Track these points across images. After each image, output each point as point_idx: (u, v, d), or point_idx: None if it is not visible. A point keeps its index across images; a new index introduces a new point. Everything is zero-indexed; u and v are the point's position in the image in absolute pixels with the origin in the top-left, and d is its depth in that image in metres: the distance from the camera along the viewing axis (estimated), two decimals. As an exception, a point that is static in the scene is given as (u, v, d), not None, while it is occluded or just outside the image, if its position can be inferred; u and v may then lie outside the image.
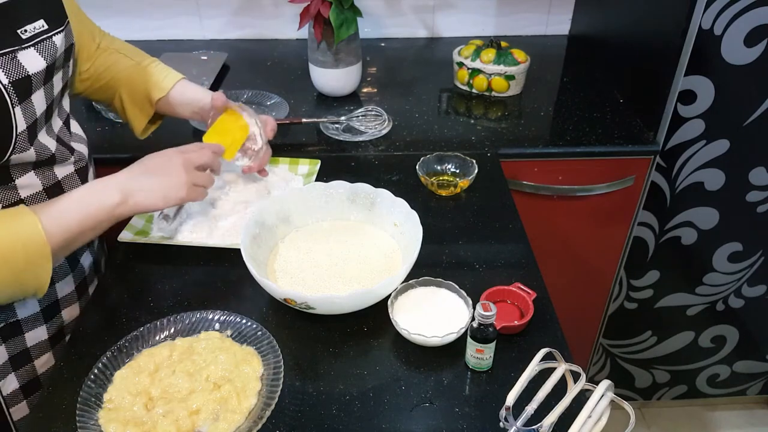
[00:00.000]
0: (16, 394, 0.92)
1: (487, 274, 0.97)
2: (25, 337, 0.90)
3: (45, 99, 0.82)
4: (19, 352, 0.90)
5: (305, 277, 0.94)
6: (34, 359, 0.93)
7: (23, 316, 0.89)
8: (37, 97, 0.80)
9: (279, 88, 1.48)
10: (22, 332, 0.90)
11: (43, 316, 0.92)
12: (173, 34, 1.77)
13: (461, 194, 1.15)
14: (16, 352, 0.90)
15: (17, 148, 0.78)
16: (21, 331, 0.90)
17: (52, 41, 0.81)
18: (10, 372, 0.91)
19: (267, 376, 0.80)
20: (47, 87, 0.82)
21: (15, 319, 0.88)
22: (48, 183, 0.86)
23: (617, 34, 1.49)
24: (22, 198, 0.83)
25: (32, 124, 0.79)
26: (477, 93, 1.50)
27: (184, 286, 0.96)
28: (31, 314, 0.90)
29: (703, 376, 1.82)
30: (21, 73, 0.76)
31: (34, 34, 0.79)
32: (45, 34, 0.80)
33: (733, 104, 1.27)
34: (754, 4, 1.14)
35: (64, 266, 0.93)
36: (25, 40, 0.77)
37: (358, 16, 1.35)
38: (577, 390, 0.72)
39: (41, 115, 0.81)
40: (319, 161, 1.20)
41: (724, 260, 1.53)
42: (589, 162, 1.32)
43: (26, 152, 0.80)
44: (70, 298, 0.96)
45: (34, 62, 0.78)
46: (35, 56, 0.78)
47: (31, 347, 0.92)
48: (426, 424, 0.76)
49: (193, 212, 1.06)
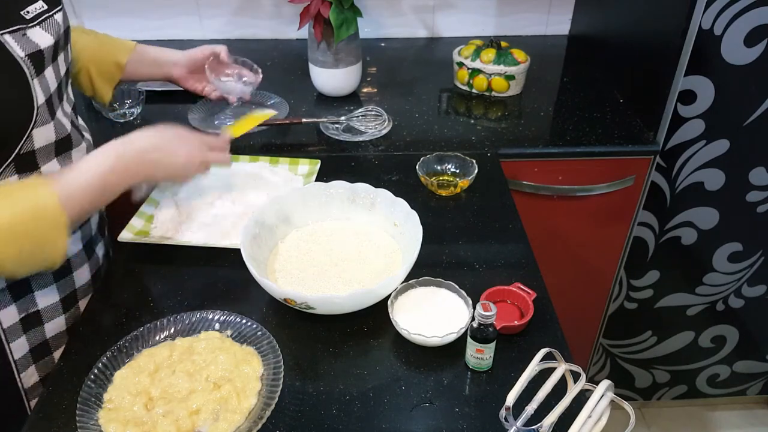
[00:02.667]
0: (36, 386, 0.94)
1: (487, 274, 0.97)
2: (44, 328, 0.93)
3: (55, 77, 0.85)
4: (39, 343, 0.93)
5: (305, 277, 0.94)
6: (53, 351, 0.95)
7: (43, 306, 0.91)
8: (48, 73, 0.83)
9: (279, 88, 1.48)
10: (42, 323, 0.92)
11: (62, 306, 0.94)
12: (173, 34, 1.77)
13: (461, 194, 1.15)
14: (37, 344, 0.92)
15: (39, 121, 0.81)
16: (41, 321, 0.92)
17: (53, 19, 0.85)
18: (30, 364, 0.93)
19: (267, 376, 0.80)
20: (55, 65, 0.85)
21: (35, 309, 0.90)
22: None
23: (617, 34, 1.49)
24: None
25: (49, 99, 0.83)
26: (477, 93, 1.50)
27: (184, 286, 0.96)
28: (51, 304, 0.92)
29: (703, 376, 1.82)
30: (34, 47, 0.79)
31: (37, 14, 0.82)
32: (46, 13, 0.84)
33: (733, 104, 1.27)
34: (754, 4, 1.14)
35: (82, 256, 0.96)
36: (29, 20, 0.80)
37: (358, 16, 1.35)
38: (577, 390, 0.72)
39: (54, 91, 0.85)
40: (319, 161, 1.20)
41: (724, 260, 1.53)
42: (589, 162, 1.32)
43: (47, 126, 0.83)
44: (87, 289, 0.98)
45: (42, 38, 0.81)
46: (42, 33, 0.82)
47: (51, 338, 0.94)
48: (426, 424, 0.76)
49: (193, 212, 1.06)
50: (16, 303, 0.88)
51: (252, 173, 1.17)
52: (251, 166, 1.19)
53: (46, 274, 0.90)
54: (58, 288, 0.93)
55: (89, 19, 1.74)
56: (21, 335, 0.90)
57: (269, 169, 1.19)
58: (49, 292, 0.92)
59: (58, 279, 0.93)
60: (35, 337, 0.92)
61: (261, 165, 1.20)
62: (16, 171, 0.82)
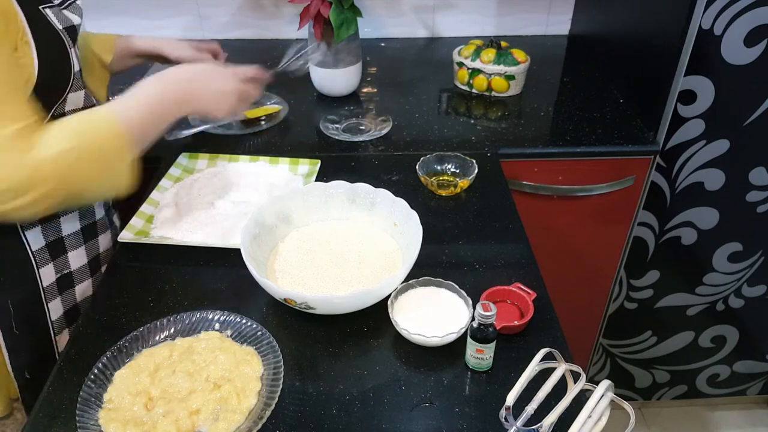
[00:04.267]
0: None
1: (487, 274, 0.97)
2: (75, 291, 0.99)
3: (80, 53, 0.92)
4: (71, 306, 0.99)
5: (305, 277, 0.94)
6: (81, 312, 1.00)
7: (75, 267, 0.99)
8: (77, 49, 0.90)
9: (279, 88, 1.48)
10: (73, 285, 0.98)
11: (89, 269, 1.02)
12: (173, 34, 1.77)
13: (461, 194, 1.15)
14: (69, 307, 0.98)
15: (74, 86, 0.89)
16: (72, 283, 0.98)
17: (76, 4, 0.93)
18: (64, 327, 0.99)
19: (267, 376, 0.80)
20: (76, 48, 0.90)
21: (68, 270, 0.97)
22: None
23: (617, 34, 1.49)
24: None
25: (80, 69, 0.91)
26: (477, 93, 1.50)
27: (184, 286, 0.96)
28: (81, 266, 1.00)
29: (703, 376, 1.82)
30: (68, 23, 0.88)
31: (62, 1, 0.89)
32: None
33: (733, 104, 1.27)
34: (754, 4, 1.14)
35: (104, 221, 1.05)
36: (57, 4, 0.88)
37: (358, 16, 1.35)
38: (577, 390, 0.72)
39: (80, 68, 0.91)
40: (319, 161, 1.20)
41: (724, 260, 1.53)
42: (589, 162, 1.32)
43: (79, 93, 0.91)
44: (107, 255, 1.06)
45: (71, 17, 0.89)
46: (70, 14, 0.89)
47: (80, 302, 1.01)
48: (426, 424, 0.76)
49: (193, 212, 1.06)
50: (54, 262, 0.93)
51: (252, 173, 1.17)
52: (251, 166, 1.19)
53: (77, 234, 0.97)
54: (86, 250, 1.00)
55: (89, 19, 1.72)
56: (56, 296, 0.96)
57: (269, 168, 1.19)
58: (79, 254, 0.98)
59: (86, 240, 1.00)
60: (68, 300, 0.97)
61: (261, 165, 1.20)
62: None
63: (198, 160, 1.21)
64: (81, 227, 0.99)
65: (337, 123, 1.35)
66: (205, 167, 1.20)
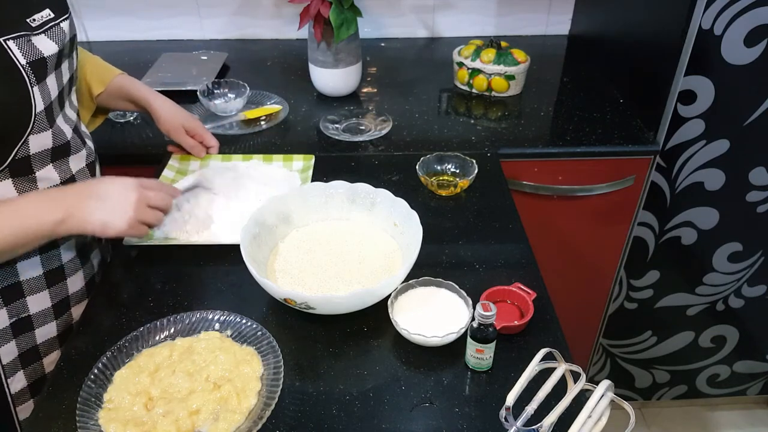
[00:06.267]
0: (24, 392, 0.93)
1: (487, 274, 0.97)
2: (35, 333, 0.92)
3: (57, 84, 0.85)
4: (28, 348, 0.92)
5: (305, 277, 0.94)
6: (42, 357, 0.94)
7: (35, 311, 0.90)
8: (50, 80, 0.83)
9: (279, 88, 1.48)
10: (32, 328, 0.91)
11: (53, 312, 0.93)
12: (173, 34, 1.77)
13: (461, 194, 1.15)
14: (26, 349, 0.91)
15: (36, 127, 0.82)
16: (32, 326, 0.91)
17: (60, 27, 0.85)
18: (19, 369, 0.92)
19: (267, 376, 0.80)
20: (58, 73, 0.85)
21: (26, 314, 0.90)
22: (64, 177, 0.89)
23: (617, 34, 1.49)
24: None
25: (48, 107, 0.83)
26: (477, 93, 1.50)
27: (184, 286, 0.96)
28: (42, 309, 0.91)
29: (703, 376, 1.82)
30: (37, 55, 0.80)
31: (43, 22, 0.83)
32: (52, 21, 0.84)
33: (733, 104, 1.27)
34: (754, 4, 1.14)
35: (76, 262, 0.95)
36: (35, 27, 0.81)
37: (358, 16, 1.35)
38: (577, 390, 0.72)
39: (55, 99, 0.85)
40: (313, 156, 1.20)
41: (724, 260, 1.53)
42: (589, 162, 1.32)
43: (45, 133, 0.84)
44: (80, 295, 0.97)
45: (47, 46, 0.82)
46: (47, 41, 0.82)
47: (41, 344, 0.93)
48: (426, 424, 0.76)
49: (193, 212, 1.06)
50: (6, 307, 0.88)
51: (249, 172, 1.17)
52: (246, 165, 1.19)
53: (38, 279, 0.90)
54: (51, 294, 0.92)
55: (89, 20, 1.74)
56: (11, 340, 0.90)
57: (264, 166, 1.19)
58: (41, 298, 0.91)
59: (51, 285, 0.92)
60: (25, 342, 0.91)
61: (255, 163, 1.20)
62: (11, 176, 0.82)
63: (190, 161, 1.21)
64: (44, 272, 0.90)
65: (337, 123, 1.35)
66: (198, 168, 1.19)
